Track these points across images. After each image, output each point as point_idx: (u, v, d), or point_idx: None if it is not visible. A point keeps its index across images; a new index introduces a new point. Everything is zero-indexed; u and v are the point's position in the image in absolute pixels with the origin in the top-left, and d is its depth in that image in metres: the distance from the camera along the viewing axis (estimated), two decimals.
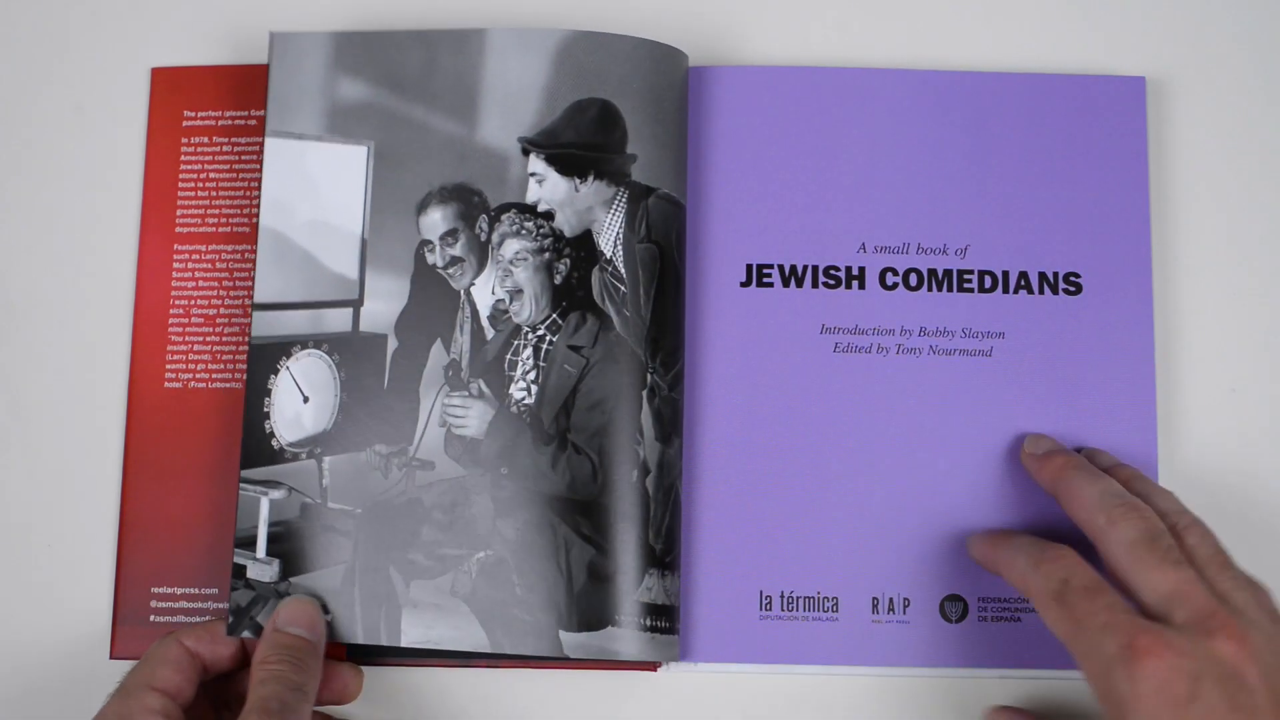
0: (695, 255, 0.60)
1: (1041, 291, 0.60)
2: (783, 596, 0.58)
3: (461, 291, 0.59)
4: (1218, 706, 0.45)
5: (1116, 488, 0.53)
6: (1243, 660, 0.46)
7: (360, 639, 0.56)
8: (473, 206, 0.59)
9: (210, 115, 0.63)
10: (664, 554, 0.57)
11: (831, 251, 0.60)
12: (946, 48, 0.64)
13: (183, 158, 0.62)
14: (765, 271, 0.60)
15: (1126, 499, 0.52)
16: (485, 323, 0.59)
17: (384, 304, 0.59)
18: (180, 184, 0.62)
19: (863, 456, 0.59)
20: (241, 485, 0.57)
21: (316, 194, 0.59)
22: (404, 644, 0.56)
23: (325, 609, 0.56)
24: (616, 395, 0.57)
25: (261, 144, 0.60)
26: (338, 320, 0.59)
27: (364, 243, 0.59)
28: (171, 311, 0.61)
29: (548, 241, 0.58)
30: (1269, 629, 0.48)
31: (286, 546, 0.57)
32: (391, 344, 0.58)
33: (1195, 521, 0.53)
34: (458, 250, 0.59)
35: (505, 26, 0.60)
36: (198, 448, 0.60)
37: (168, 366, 0.61)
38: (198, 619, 0.58)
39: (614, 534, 0.56)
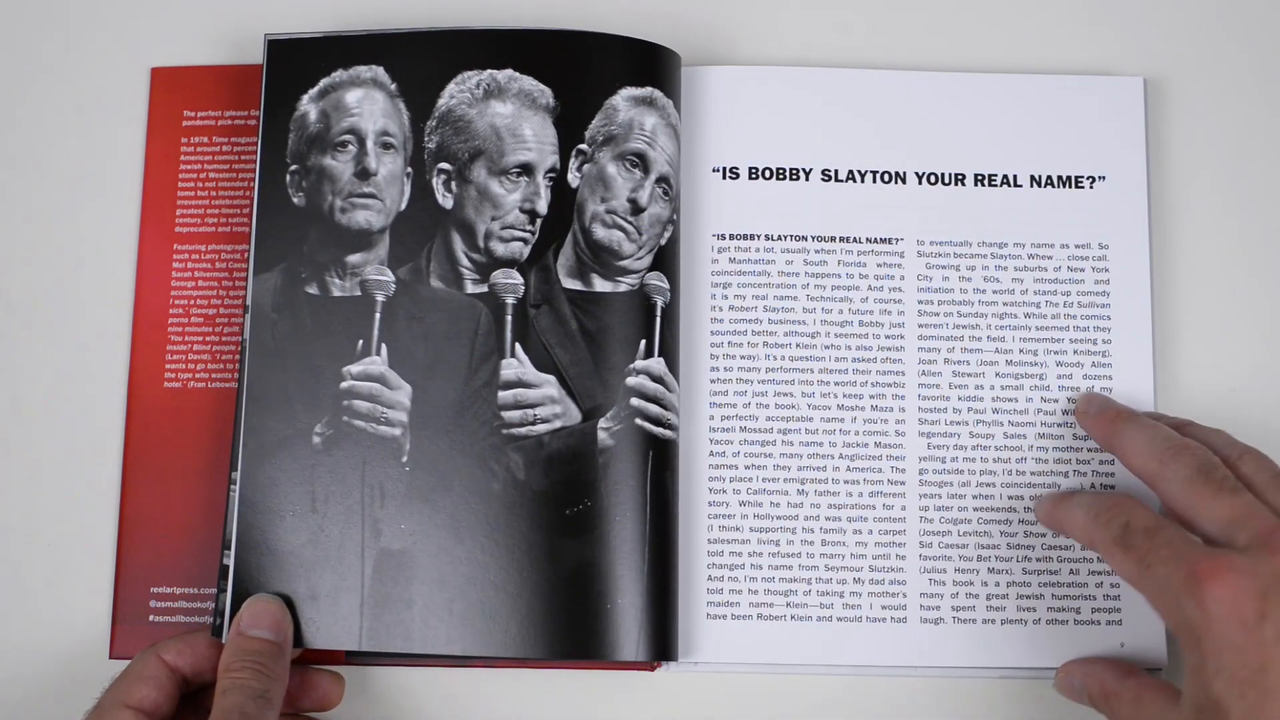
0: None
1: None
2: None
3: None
4: None
5: (1166, 431, 0.54)
6: None
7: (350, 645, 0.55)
8: None
9: (210, 115, 0.63)
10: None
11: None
12: (945, 48, 0.64)
13: (182, 158, 0.62)
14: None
15: (1176, 440, 0.53)
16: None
17: None
18: (180, 184, 0.62)
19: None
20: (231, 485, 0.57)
21: None
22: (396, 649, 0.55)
23: (290, 606, 0.55)
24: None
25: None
26: None
27: None
28: (171, 311, 0.61)
29: None
30: None
31: None
32: None
33: (1249, 449, 0.53)
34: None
35: (500, 26, 0.60)
36: (197, 448, 0.60)
37: (167, 366, 0.61)
38: (197, 619, 0.58)
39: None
